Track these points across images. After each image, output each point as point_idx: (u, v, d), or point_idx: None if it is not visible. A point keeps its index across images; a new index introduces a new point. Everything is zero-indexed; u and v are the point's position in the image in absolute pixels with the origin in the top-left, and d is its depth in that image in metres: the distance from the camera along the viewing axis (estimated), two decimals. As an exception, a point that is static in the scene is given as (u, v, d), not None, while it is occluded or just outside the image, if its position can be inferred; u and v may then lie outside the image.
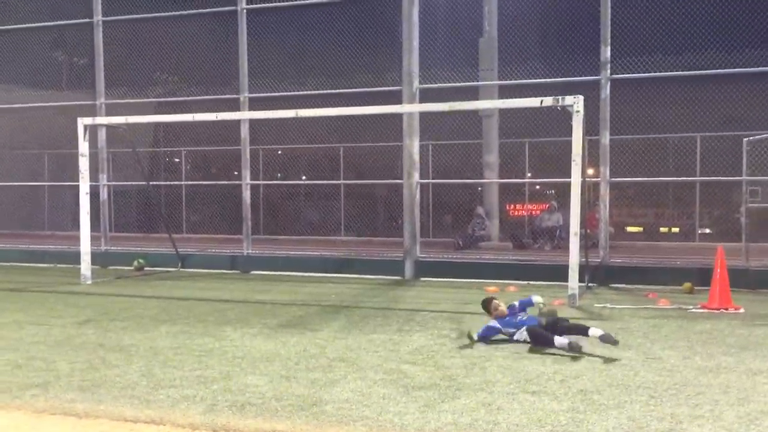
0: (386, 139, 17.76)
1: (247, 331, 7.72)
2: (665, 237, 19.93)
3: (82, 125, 11.96)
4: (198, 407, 5.00)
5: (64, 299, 10.28)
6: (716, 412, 4.77)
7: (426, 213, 18.41)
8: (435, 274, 12.67)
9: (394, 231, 17.02)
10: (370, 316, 8.73)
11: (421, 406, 4.97)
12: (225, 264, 14.12)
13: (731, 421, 4.57)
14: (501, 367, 6.03)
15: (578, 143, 9.35)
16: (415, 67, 12.68)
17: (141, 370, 6.04)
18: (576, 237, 9.39)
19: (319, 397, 5.22)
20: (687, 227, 19.36)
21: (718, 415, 4.70)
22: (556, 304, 9.41)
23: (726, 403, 4.97)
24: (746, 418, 4.64)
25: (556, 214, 16.76)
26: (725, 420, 4.60)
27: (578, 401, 5.04)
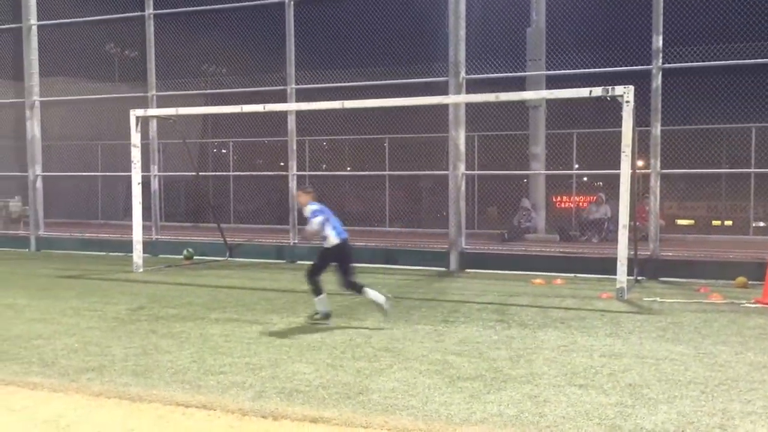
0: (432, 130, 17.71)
1: (294, 320, 7.83)
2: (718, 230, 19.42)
3: (134, 117, 12.23)
4: (247, 393, 5.11)
5: (118, 287, 10.57)
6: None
7: (471, 205, 18.31)
8: (480, 265, 12.62)
9: (438, 222, 16.96)
10: (415, 307, 8.76)
11: (466, 397, 4.98)
12: (272, 254, 14.30)
13: (786, 419, 4.47)
14: (547, 360, 6.00)
15: (628, 134, 9.20)
16: (461, 58, 12.62)
17: (192, 356, 6.19)
18: (625, 229, 9.24)
19: (365, 385, 5.27)
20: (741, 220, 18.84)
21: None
22: (604, 297, 9.32)
23: (780, 400, 4.86)
24: (802, 415, 4.54)
25: (604, 207, 16.50)
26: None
27: (627, 395, 4.98)
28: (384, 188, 20.26)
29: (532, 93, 13.00)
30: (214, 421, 4.59)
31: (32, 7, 16.01)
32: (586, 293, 9.78)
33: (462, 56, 12.63)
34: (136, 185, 12.34)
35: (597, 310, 8.49)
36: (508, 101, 12.74)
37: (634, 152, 9.66)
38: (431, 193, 20.95)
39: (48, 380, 5.47)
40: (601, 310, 8.43)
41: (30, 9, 16.00)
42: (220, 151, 25.15)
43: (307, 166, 19.28)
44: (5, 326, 7.50)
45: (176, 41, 15.95)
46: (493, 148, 19.19)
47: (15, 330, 7.30)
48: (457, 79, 12.60)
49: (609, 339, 6.82)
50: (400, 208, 20.70)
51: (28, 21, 16.03)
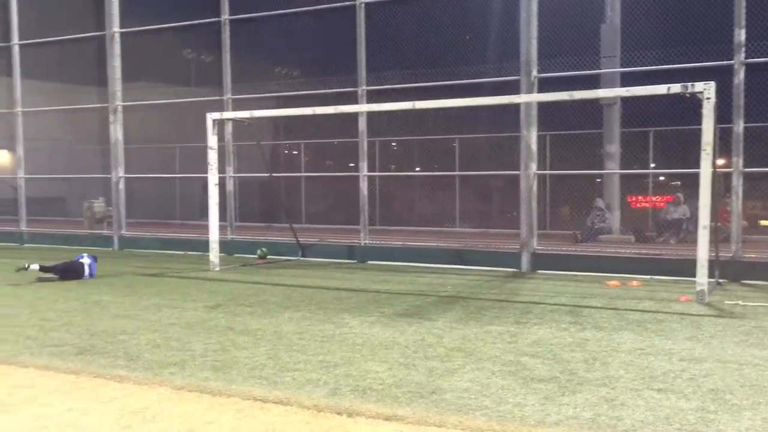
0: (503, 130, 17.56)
1: (366, 319, 7.91)
2: (805, 232, 18.54)
3: (211, 120, 12.60)
4: (322, 390, 5.20)
5: (196, 285, 10.91)
6: None
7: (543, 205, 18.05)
8: (553, 266, 12.43)
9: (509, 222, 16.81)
10: (487, 307, 8.72)
11: (540, 399, 4.94)
12: (343, 254, 14.47)
13: None
14: (624, 363, 5.88)
15: (709, 132, 8.90)
16: (533, 56, 12.46)
17: (268, 353, 6.34)
18: (705, 230, 8.94)
19: (438, 385, 5.29)
20: (830, 221, 17.95)
21: None
22: (683, 300, 9.05)
23: None
24: None
25: (682, 207, 16.02)
26: None
27: (708, 400, 4.84)
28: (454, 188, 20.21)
29: (607, 91, 12.73)
30: (291, 417, 4.69)
31: (115, 16, 16.68)
32: (664, 296, 9.51)
33: (534, 54, 12.47)
34: (213, 186, 12.70)
35: (676, 313, 8.25)
36: (581, 99, 12.48)
37: (714, 150, 9.34)
38: (501, 193, 20.77)
39: (133, 373, 5.71)
40: (680, 313, 8.19)
41: (113, 17, 16.67)
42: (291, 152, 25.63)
43: (377, 167, 19.44)
44: (93, 322, 7.86)
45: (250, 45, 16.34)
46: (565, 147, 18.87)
47: (101, 325, 7.65)
48: (529, 77, 12.45)
49: (689, 343, 6.63)
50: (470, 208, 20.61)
51: (111, 29, 16.71)
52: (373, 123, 15.22)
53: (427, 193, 23.04)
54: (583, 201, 17.58)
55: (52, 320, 7.94)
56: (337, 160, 23.40)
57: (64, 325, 7.69)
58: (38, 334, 7.21)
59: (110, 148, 17.08)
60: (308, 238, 15.40)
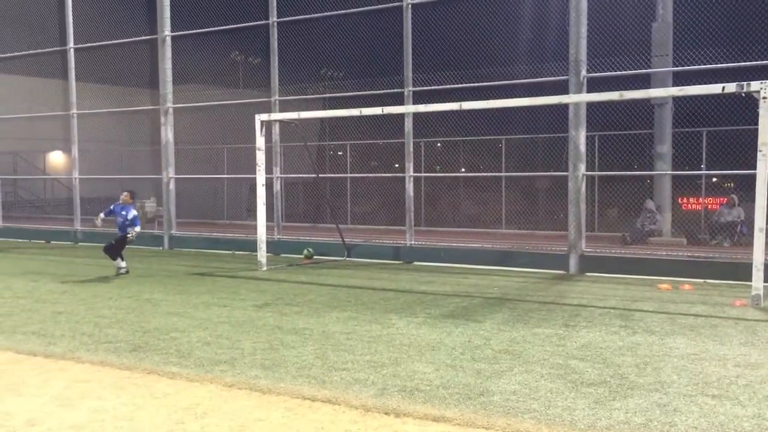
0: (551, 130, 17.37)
1: (412, 320, 7.91)
2: None
3: (259, 121, 12.76)
4: (369, 390, 5.23)
5: (244, 284, 11.07)
6: None
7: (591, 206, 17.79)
8: (602, 269, 12.23)
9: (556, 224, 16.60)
10: (534, 309, 8.64)
11: (590, 403, 4.87)
12: (388, 254, 14.49)
13: None
14: (676, 368, 5.76)
15: (766, 132, 8.65)
16: (582, 56, 12.30)
17: (315, 352, 6.40)
18: (762, 233, 8.70)
19: (486, 387, 5.26)
20: None
21: None
22: (737, 305, 8.82)
23: None
24: None
25: (737, 209, 15.58)
26: None
27: (765, 408, 4.71)
28: (500, 189, 20.05)
29: (660, 90, 12.48)
30: (339, 416, 4.73)
31: (167, 19, 17.03)
32: (718, 300, 9.28)
33: (583, 54, 12.31)
34: (261, 187, 12.87)
35: (730, 317, 8.05)
36: (632, 99, 12.27)
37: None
38: (548, 194, 20.52)
39: (185, 370, 5.83)
40: (734, 318, 7.99)
41: (165, 21, 17.02)
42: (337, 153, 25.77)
43: (422, 167, 19.41)
44: (145, 319, 8.05)
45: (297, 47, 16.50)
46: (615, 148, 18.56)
47: (154, 323, 7.82)
48: (578, 77, 12.29)
49: (744, 348, 6.46)
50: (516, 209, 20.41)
51: (163, 32, 17.06)
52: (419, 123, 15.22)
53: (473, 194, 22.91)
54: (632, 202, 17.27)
55: (107, 317, 8.16)
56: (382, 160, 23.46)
57: (118, 322, 7.89)
58: (93, 331, 7.41)
59: (161, 149, 17.44)
60: (354, 238, 15.47)
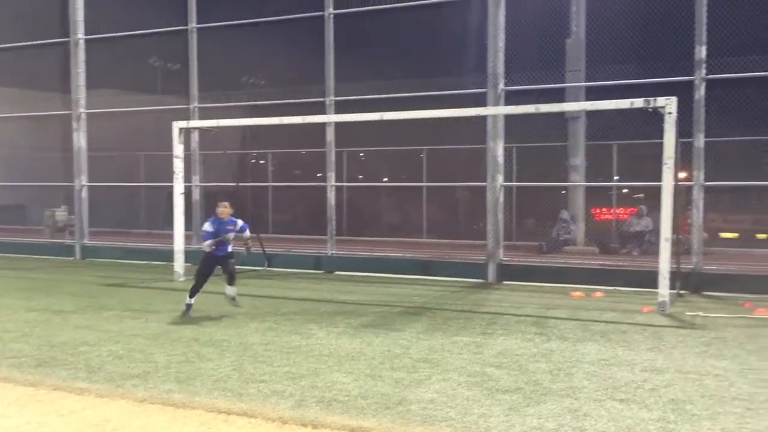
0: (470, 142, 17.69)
1: (333, 330, 7.88)
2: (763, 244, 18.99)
3: (177, 128, 12.48)
4: (287, 402, 5.16)
5: (160, 295, 10.77)
6: (819, 427, 4.57)
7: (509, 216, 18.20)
8: (518, 277, 12.53)
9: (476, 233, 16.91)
10: (453, 318, 8.75)
11: (505, 410, 4.96)
12: (309, 264, 14.40)
13: (835, 438, 4.37)
14: (587, 374, 5.94)
15: (670, 146, 9.08)
16: (500, 69, 12.61)
17: (233, 364, 6.28)
18: (667, 242, 9.11)
19: (404, 396, 5.29)
20: (787, 234, 18.39)
21: (821, 430, 4.50)
22: (645, 311, 9.18)
23: (830, 418, 4.75)
24: None
25: (645, 219, 16.27)
26: (829, 436, 4.40)
27: (669, 411, 4.91)
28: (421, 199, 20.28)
29: (573, 105, 12.93)
30: (255, 429, 4.65)
31: (80, 23, 16.46)
32: (627, 307, 9.65)
33: (501, 67, 12.62)
34: (178, 195, 12.57)
35: (638, 324, 8.38)
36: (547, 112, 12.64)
37: (676, 164, 9.53)
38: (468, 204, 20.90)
39: (94, 386, 5.60)
40: (642, 324, 8.32)
41: (78, 24, 16.45)
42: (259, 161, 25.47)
43: (344, 177, 19.42)
44: (53, 333, 7.71)
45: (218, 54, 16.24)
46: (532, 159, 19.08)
47: (62, 336, 7.50)
48: (496, 90, 12.59)
49: (651, 353, 6.73)
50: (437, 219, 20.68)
51: (76, 35, 16.48)
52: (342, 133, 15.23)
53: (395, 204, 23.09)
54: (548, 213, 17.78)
55: (12, 331, 7.77)
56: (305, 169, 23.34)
57: (24, 336, 7.52)
58: (-4, 346, 7.05)
59: (73, 155, 16.80)
60: (275, 248, 15.30)
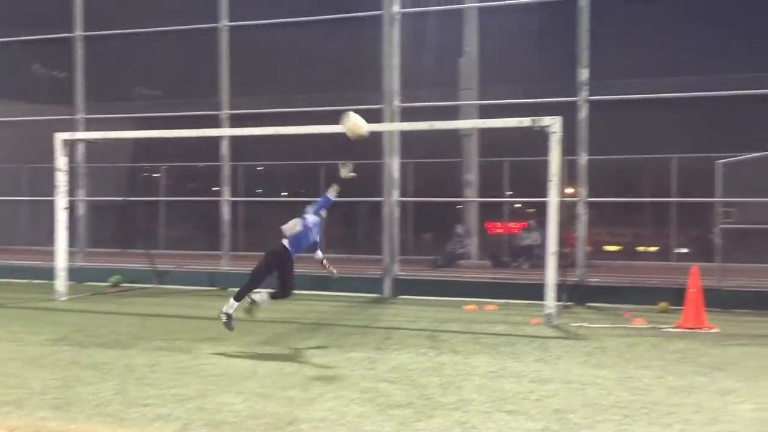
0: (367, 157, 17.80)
1: (225, 349, 7.68)
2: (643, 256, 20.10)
3: (60, 140, 11.89)
4: (172, 426, 4.97)
5: (40, 315, 10.18)
6: (687, 431, 4.83)
7: (406, 231, 18.44)
8: (414, 292, 12.69)
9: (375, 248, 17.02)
10: (349, 334, 8.73)
11: (396, 425, 4.98)
12: (203, 281, 14.03)
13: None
14: (477, 386, 6.06)
15: (556, 163, 9.47)
16: (395, 86, 12.79)
17: (115, 388, 5.99)
18: (553, 256, 9.47)
19: (296, 416, 5.21)
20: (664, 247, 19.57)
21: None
22: (533, 323, 9.49)
23: (697, 422, 5.03)
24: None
25: (535, 233, 16.87)
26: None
27: (553, 420, 5.07)
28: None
29: (464, 122, 13.29)
30: (137, 456, 4.45)
31: (-46, 26, 15.47)
32: (517, 319, 9.94)
33: (396, 84, 12.80)
34: (61, 210, 11.96)
35: (526, 335, 8.64)
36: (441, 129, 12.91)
37: (562, 181, 9.94)
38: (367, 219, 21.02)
39: (-40, 416, 5.20)
40: (530, 336, 8.59)
41: (-48, 27, 15.45)
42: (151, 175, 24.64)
43: (240, 192, 19.09)
44: None
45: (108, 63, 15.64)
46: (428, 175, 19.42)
47: (-75, 362, 6.93)
48: (391, 106, 12.75)
49: (537, 364, 6.95)
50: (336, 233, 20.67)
51: (-52, 39, 15.47)
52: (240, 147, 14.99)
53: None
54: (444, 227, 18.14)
55: None
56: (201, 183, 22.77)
57: None
58: None
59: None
60: (166, 264, 14.82)
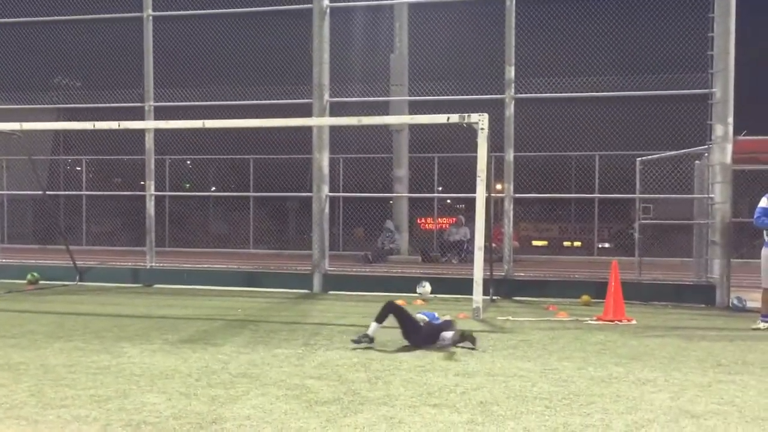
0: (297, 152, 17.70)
1: (147, 347, 7.48)
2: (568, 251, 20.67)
3: (-27, 131, 11.34)
4: (90, 428, 4.80)
5: (-51, 315, 9.68)
6: (606, 420, 4.98)
7: (337, 226, 18.42)
8: (344, 287, 12.67)
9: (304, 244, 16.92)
10: (276, 330, 8.64)
11: (323, 422, 4.94)
12: (127, 277, 13.65)
13: (620, 429, 4.77)
14: (404, 381, 6.08)
15: (483, 159, 9.60)
16: (325, 81, 12.71)
17: (30, 389, 5.74)
18: (480, 251, 9.60)
19: (220, 414, 5.11)
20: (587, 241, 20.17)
21: (608, 423, 4.91)
22: (461, 317, 9.61)
23: (615, 411, 5.19)
24: (634, 426, 4.86)
25: (463, 228, 17.13)
26: (614, 428, 4.80)
27: (477, 413, 5.14)
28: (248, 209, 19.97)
29: (393, 117, 13.34)
30: (51, 460, 4.28)
31: None
32: (445, 313, 10.02)
33: (326, 79, 12.72)
34: (-26, 204, 11.42)
35: (454, 329, 8.72)
36: (371, 125, 12.94)
37: (489, 177, 10.10)
38: (298, 215, 20.89)
39: None
40: (458, 330, 8.67)
41: None
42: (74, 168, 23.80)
43: (167, 186, 18.65)
44: None
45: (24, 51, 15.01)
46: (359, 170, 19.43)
47: None
48: (321, 101, 12.67)
49: (464, 357, 7.03)
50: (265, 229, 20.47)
51: None
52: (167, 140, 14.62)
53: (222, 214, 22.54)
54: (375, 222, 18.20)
55: None
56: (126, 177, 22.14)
57: None
58: None
59: None
60: (89, 260, 14.34)
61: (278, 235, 20.76)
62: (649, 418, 5.03)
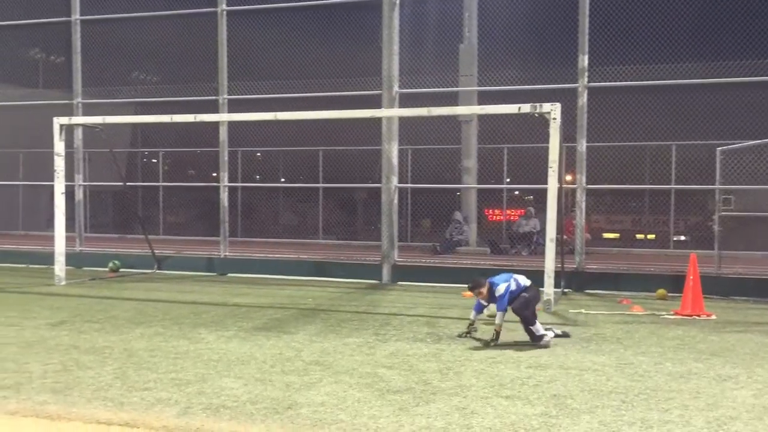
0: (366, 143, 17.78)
1: (223, 334, 7.69)
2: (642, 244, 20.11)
3: (58, 125, 11.84)
4: (172, 410, 4.98)
5: (38, 300, 10.18)
6: (686, 417, 4.85)
7: (405, 217, 18.44)
8: (412, 278, 12.69)
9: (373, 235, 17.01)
10: (347, 320, 8.74)
11: (395, 410, 4.99)
12: (201, 266, 14.03)
13: (700, 426, 4.65)
14: (476, 372, 6.07)
15: (555, 150, 9.43)
16: (395, 72, 12.72)
17: (115, 372, 6.00)
18: (552, 243, 9.46)
19: (294, 400, 5.22)
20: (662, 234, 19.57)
21: (688, 420, 4.78)
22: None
23: (695, 408, 5.05)
24: (715, 423, 4.72)
25: (533, 220, 16.88)
26: (694, 425, 4.68)
27: (551, 406, 5.09)
28: (318, 200, 20.20)
29: (463, 108, 13.22)
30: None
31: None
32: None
33: (395, 70, 12.73)
34: (59, 195, 11.93)
35: (525, 321, 8.63)
36: (440, 116, 12.87)
37: (561, 167, 9.93)
38: (366, 206, 21.00)
39: (-41, 399, 5.21)
40: (529, 322, 8.57)
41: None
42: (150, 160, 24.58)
43: (239, 178, 19.06)
44: None
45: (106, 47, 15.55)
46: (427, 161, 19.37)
47: (-76, 346, 6.94)
48: (390, 92, 12.69)
49: (535, 350, 6.96)
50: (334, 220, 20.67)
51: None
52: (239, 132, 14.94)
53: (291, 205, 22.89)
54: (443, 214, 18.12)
55: None
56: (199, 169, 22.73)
57: None
58: None
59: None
60: (166, 249, 14.82)
61: (346, 226, 20.93)
62: (731, 416, 4.88)
